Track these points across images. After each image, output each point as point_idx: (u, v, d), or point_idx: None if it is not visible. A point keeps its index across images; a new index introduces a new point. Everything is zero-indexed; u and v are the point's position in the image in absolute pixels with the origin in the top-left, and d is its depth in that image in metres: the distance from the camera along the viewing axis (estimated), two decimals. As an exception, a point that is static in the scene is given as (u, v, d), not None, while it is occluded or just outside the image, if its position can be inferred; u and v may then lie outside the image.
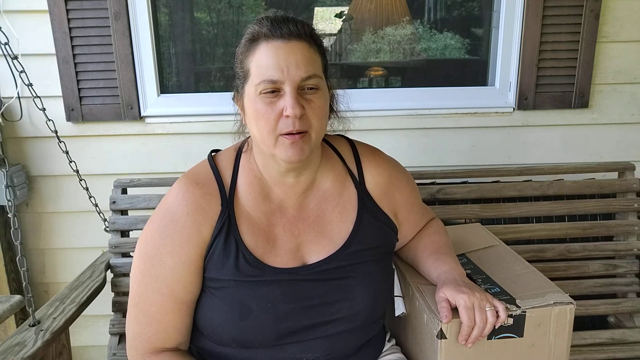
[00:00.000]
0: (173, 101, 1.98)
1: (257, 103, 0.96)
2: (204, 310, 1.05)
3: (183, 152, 1.98)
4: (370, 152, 1.18)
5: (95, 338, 2.13)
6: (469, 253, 1.32)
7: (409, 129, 1.99)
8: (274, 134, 0.96)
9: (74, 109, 1.90)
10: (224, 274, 1.02)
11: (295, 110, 0.92)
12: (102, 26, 1.84)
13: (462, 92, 2.03)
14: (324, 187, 1.11)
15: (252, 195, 1.06)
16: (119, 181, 1.72)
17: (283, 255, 1.05)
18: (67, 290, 1.54)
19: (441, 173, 1.77)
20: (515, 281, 1.14)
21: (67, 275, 2.06)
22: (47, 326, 1.33)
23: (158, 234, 1.02)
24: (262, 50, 0.95)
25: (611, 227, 1.76)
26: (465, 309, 0.96)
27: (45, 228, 2.04)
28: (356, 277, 1.06)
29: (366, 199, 1.12)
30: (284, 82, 0.93)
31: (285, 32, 0.94)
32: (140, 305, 1.04)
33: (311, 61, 0.96)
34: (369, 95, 2.03)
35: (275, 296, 1.01)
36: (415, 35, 2.32)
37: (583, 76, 1.93)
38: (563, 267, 1.72)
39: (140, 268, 1.03)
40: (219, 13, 2.22)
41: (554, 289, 1.08)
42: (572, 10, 1.87)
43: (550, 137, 2.02)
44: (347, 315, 1.05)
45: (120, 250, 1.71)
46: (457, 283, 1.02)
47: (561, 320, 1.03)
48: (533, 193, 1.75)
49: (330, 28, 2.37)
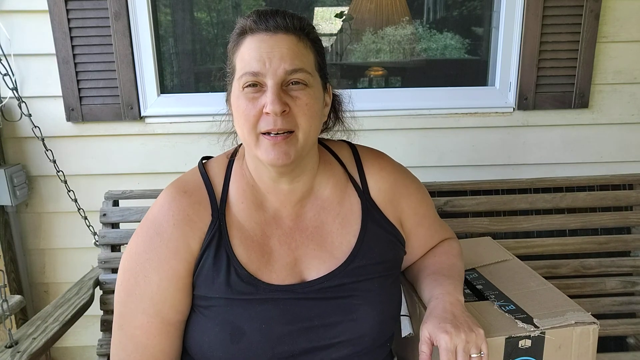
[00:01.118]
0: (173, 101, 1.98)
1: (240, 99, 0.89)
2: (192, 332, 0.96)
3: (183, 152, 1.98)
4: (373, 156, 1.09)
5: (95, 338, 2.12)
6: (479, 268, 1.24)
7: (409, 129, 1.98)
8: (255, 132, 0.89)
9: (74, 109, 1.90)
10: (214, 292, 0.93)
11: (275, 107, 0.85)
12: (102, 26, 1.83)
13: (462, 92, 2.02)
14: (323, 195, 1.02)
15: (244, 205, 0.98)
16: (110, 193, 1.65)
17: (279, 271, 0.96)
18: (51, 307, 1.46)
19: (448, 184, 1.70)
20: (531, 298, 1.06)
21: (67, 275, 2.06)
22: (25, 347, 1.23)
23: (142, 248, 0.94)
24: (247, 44, 0.89)
25: (628, 242, 1.66)
26: (446, 352, 0.85)
27: (45, 228, 2.04)
28: (360, 295, 0.96)
29: (371, 208, 1.03)
30: (265, 75, 0.87)
31: (271, 24, 0.88)
32: (125, 327, 0.95)
33: (298, 55, 0.88)
34: (369, 95, 2.03)
35: (270, 316, 0.92)
36: (415, 35, 2.32)
37: (583, 76, 1.93)
38: (578, 284, 1.64)
39: (124, 286, 0.95)
40: (219, 13, 2.22)
41: (574, 307, 1.00)
42: (572, 10, 1.87)
43: (550, 137, 2.02)
44: (350, 338, 0.95)
45: (110, 265, 1.61)
46: (443, 317, 0.91)
47: (584, 342, 0.95)
48: (545, 206, 1.66)
49: (330, 28, 2.37)
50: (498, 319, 0.99)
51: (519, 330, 0.94)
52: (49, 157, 1.72)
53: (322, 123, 1.00)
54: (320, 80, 0.95)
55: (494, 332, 0.94)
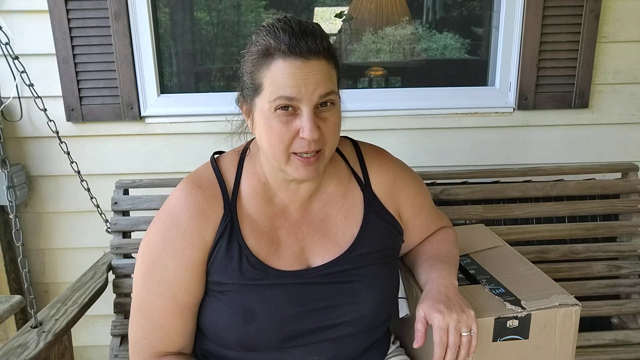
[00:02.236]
0: (173, 101, 1.98)
1: (272, 120, 0.93)
2: (207, 314, 1.04)
3: (183, 152, 1.98)
4: (374, 152, 1.16)
5: (95, 338, 2.12)
6: (472, 254, 1.32)
7: (409, 129, 1.99)
8: (287, 152, 0.94)
9: (74, 109, 1.89)
10: (227, 278, 1.01)
11: (314, 134, 0.90)
12: (102, 26, 1.83)
13: (462, 92, 2.03)
14: (328, 190, 1.09)
15: (255, 200, 1.05)
16: (120, 182, 1.72)
17: (287, 258, 1.04)
18: (69, 291, 1.53)
19: (443, 174, 1.76)
20: (520, 282, 1.13)
21: (67, 275, 2.06)
22: (49, 328, 1.32)
23: (160, 237, 1.01)
24: (279, 68, 0.90)
25: (615, 228, 1.75)
26: (439, 330, 0.93)
27: (45, 228, 2.04)
28: (362, 280, 1.05)
29: (372, 200, 1.11)
30: (301, 100, 0.90)
31: (304, 49, 0.89)
32: (143, 309, 1.03)
33: (329, 77, 0.93)
34: (369, 95, 2.03)
35: (279, 299, 1.00)
36: (415, 35, 2.32)
37: (583, 76, 1.93)
38: (566, 268, 1.72)
39: (142, 272, 1.02)
40: (219, 13, 2.22)
41: (559, 290, 1.08)
42: (572, 10, 1.87)
43: (550, 137, 2.02)
44: (352, 319, 1.04)
45: (122, 251, 1.71)
46: (437, 298, 0.98)
47: (567, 322, 1.03)
48: (536, 194, 1.74)
49: (330, 28, 2.37)
50: (488, 301, 1.07)
51: (507, 311, 1.02)
52: (63, 149, 1.73)
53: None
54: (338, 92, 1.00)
55: (484, 313, 1.02)
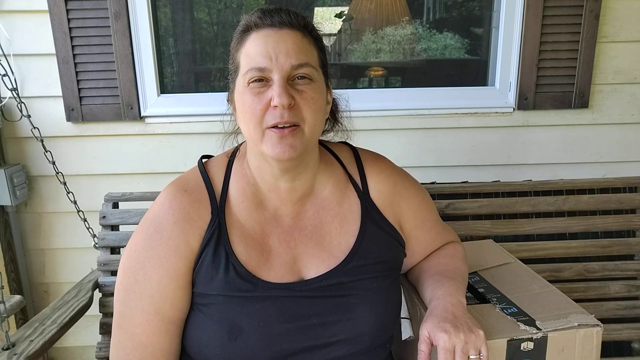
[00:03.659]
0: (173, 101, 1.98)
1: (245, 95, 0.89)
2: (190, 330, 0.95)
3: (183, 152, 1.98)
4: (374, 158, 1.10)
5: (95, 338, 2.12)
6: (481, 271, 1.23)
7: (409, 129, 1.98)
8: (261, 127, 0.88)
9: (74, 109, 1.90)
10: (212, 289, 0.93)
11: (283, 99, 0.85)
12: (102, 26, 1.84)
13: (462, 92, 2.02)
14: (323, 194, 1.02)
15: (244, 204, 0.99)
16: (110, 195, 1.63)
17: (278, 269, 0.96)
18: (49, 310, 1.45)
19: (450, 187, 1.67)
20: (534, 301, 1.05)
21: (67, 275, 2.06)
22: (22, 350, 1.23)
23: (142, 246, 0.94)
24: (252, 40, 0.90)
25: (632, 245, 1.64)
26: (444, 351, 0.86)
27: (45, 228, 2.04)
28: (359, 294, 0.96)
29: (370, 209, 1.03)
30: (272, 70, 0.87)
31: (276, 20, 0.89)
32: (124, 326, 0.94)
33: (303, 50, 0.89)
34: (369, 95, 2.03)
35: (268, 314, 0.92)
36: (415, 35, 2.32)
37: (583, 76, 1.93)
38: (582, 288, 1.61)
39: (124, 285, 0.95)
40: (219, 13, 2.22)
41: (578, 310, 0.99)
42: (572, 10, 1.87)
43: (550, 137, 2.02)
44: (348, 337, 0.95)
45: (110, 268, 1.60)
46: (443, 317, 0.91)
47: (587, 345, 0.94)
48: (547, 209, 1.64)
49: (330, 28, 2.37)
50: (500, 322, 0.98)
51: (521, 332, 0.93)
52: (48, 158, 1.72)
53: (325, 120, 1.00)
54: (323, 77, 0.96)
55: (496, 334, 0.93)
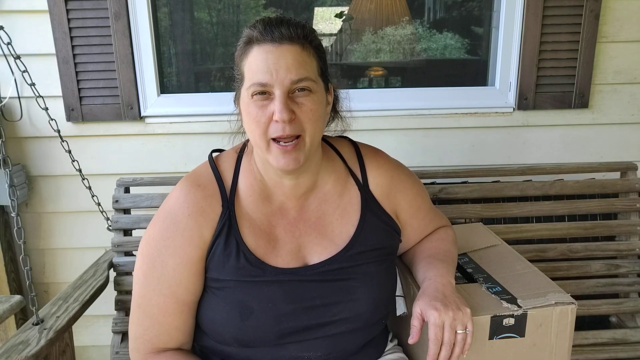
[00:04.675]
0: (173, 101, 1.98)
1: (250, 106, 0.97)
2: (205, 310, 1.05)
3: (183, 152, 1.98)
4: (373, 153, 1.18)
5: (95, 338, 2.12)
6: (470, 252, 1.33)
7: (409, 129, 1.99)
8: (266, 137, 0.96)
9: (74, 109, 1.90)
10: (225, 274, 1.02)
11: (283, 115, 0.93)
12: (102, 26, 1.83)
13: (462, 92, 2.03)
14: (325, 188, 1.11)
15: (252, 197, 1.07)
16: (121, 180, 1.73)
17: (284, 256, 1.05)
18: (70, 288, 1.55)
19: (442, 172, 1.77)
20: (517, 281, 1.14)
21: (67, 275, 2.06)
22: (51, 325, 1.33)
23: (160, 235, 1.03)
24: (254, 54, 0.96)
25: (613, 227, 1.76)
26: (434, 327, 0.95)
27: (45, 228, 2.04)
28: (358, 278, 1.06)
29: (370, 201, 1.12)
30: (273, 85, 0.94)
31: (276, 35, 0.94)
32: (142, 306, 1.04)
33: (303, 64, 0.95)
34: (369, 95, 2.03)
35: (276, 296, 1.02)
36: (415, 35, 2.32)
37: (583, 76, 1.93)
38: (565, 267, 1.72)
39: (142, 270, 1.04)
40: (219, 13, 2.22)
41: (556, 289, 1.09)
42: (572, 10, 1.87)
43: (550, 137, 2.02)
44: (348, 317, 1.05)
45: (123, 249, 1.72)
46: (434, 295, 1.00)
47: (563, 320, 1.04)
48: (535, 193, 1.75)
49: (330, 28, 2.37)
50: (485, 300, 1.08)
51: (503, 309, 1.03)
52: (65, 147, 1.75)
53: (325, 123, 1.08)
54: (322, 84, 1.02)
55: (481, 311, 1.03)
